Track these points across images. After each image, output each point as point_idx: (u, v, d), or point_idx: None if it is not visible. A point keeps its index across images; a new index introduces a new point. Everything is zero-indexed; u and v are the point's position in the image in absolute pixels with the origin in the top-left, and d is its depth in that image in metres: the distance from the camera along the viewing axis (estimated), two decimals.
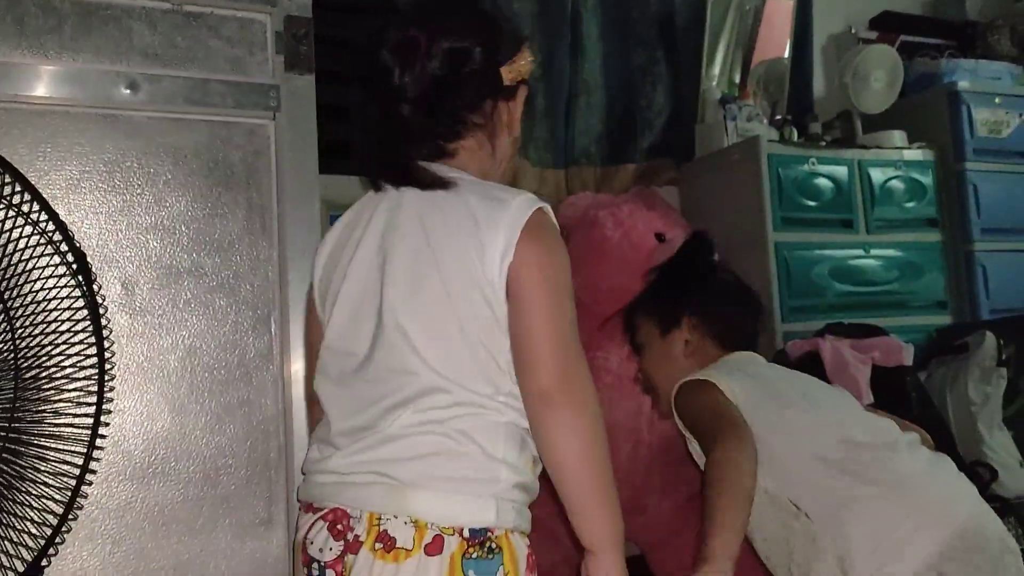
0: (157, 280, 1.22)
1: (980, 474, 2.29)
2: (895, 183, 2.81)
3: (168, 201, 1.23)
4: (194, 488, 1.22)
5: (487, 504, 0.92)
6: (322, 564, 0.92)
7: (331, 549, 0.91)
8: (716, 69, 2.99)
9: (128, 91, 1.19)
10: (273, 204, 1.30)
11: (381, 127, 1.03)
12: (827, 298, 2.64)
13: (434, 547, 0.88)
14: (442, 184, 0.99)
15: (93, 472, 1.09)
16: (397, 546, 0.88)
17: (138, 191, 1.21)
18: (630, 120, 2.89)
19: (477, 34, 1.01)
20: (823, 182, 2.72)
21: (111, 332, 1.15)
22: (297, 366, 1.29)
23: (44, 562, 1.01)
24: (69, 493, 0.99)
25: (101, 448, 1.08)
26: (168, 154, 1.23)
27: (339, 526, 0.92)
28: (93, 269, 1.08)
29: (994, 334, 2.43)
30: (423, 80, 0.98)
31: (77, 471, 1.01)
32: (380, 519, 0.89)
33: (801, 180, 2.69)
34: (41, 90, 1.15)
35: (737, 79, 3.01)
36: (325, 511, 0.94)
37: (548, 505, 1.86)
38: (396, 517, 0.89)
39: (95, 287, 1.05)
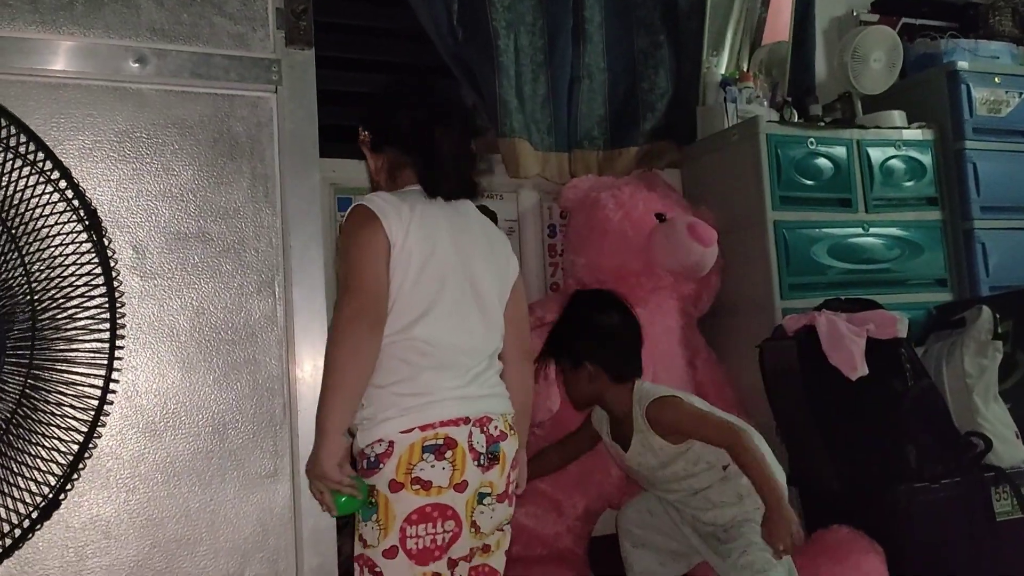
0: (166, 245, 1.29)
1: (974, 444, 2.33)
2: (894, 162, 2.85)
3: (175, 170, 1.30)
4: (203, 441, 1.29)
5: None
6: (484, 454, 1.36)
7: (483, 444, 1.36)
8: (725, 55, 3.03)
9: (137, 65, 1.26)
10: (276, 173, 1.36)
11: (452, 156, 1.45)
12: (826, 276, 2.68)
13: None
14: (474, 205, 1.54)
15: (107, 415, 1.16)
16: (514, 431, 1.42)
17: (147, 160, 1.28)
18: (632, 103, 2.93)
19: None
20: (822, 162, 2.76)
21: (122, 294, 1.21)
22: (300, 328, 1.35)
23: (61, 496, 1.08)
24: (83, 435, 1.06)
25: (115, 392, 1.15)
26: (175, 125, 1.29)
27: (486, 428, 1.37)
28: (105, 226, 1.15)
29: (991, 308, 2.47)
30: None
31: (92, 412, 1.08)
32: (507, 416, 1.42)
33: (800, 160, 2.73)
34: (55, 64, 1.22)
35: (746, 66, 3.05)
36: (475, 420, 1.36)
37: (555, 479, 2.08)
38: (509, 415, 1.43)
39: (106, 240, 1.11)
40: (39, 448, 1.09)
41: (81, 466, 1.12)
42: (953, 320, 2.56)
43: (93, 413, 1.06)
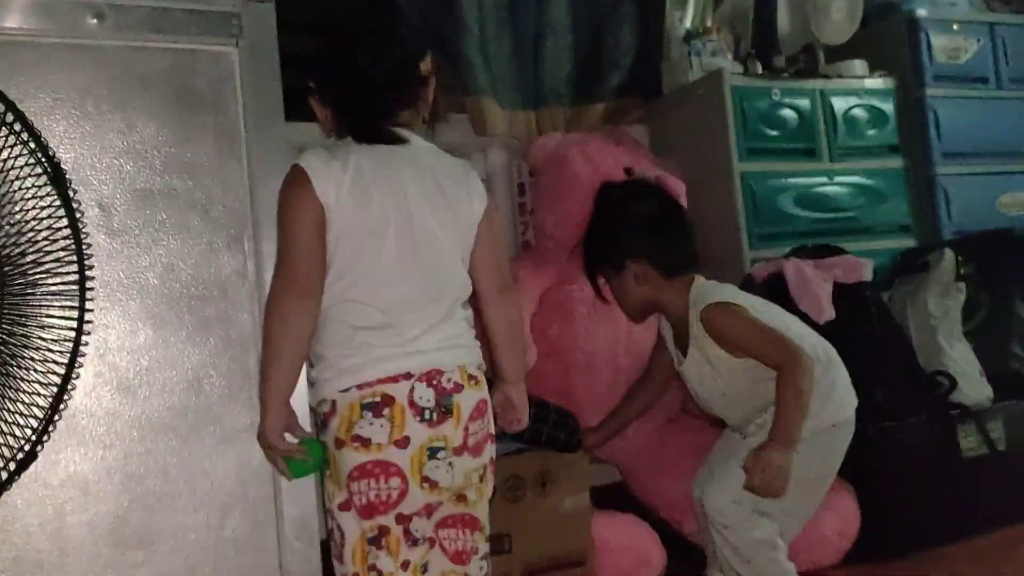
0: (132, 202, 1.28)
1: (940, 383, 2.39)
2: (857, 111, 2.88)
3: (139, 126, 1.29)
4: (178, 397, 1.29)
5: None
6: (430, 409, 1.31)
7: (431, 398, 1.32)
8: (689, 10, 3.04)
9: (95, 20, 1.25)
10: (240, 128, 1.36)
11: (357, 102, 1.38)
12: (793, 225, 2.72)
13: (484, 378, 1.40)
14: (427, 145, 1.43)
15: (80, 366, 1.16)
16: (478, 381, 1.38)
17: (109, 117, 1.27)
18: (597, 60, 2.93)
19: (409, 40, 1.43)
20: (786, 112, 2.78)
21: (90, 248, 1.21)
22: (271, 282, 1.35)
23: (39, 447, 1.08)
24: (57, 387, 1.06)
25: (86, 344, 1.15)
26: (136, 81, 1.28)
27: (434, 381, 1.33)
28: (70, 179, 1.14)
29: (953, 251, 2.52)
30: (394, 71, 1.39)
31: (66, 360, 1.08)
32: (466, 367, 1.37)
33: (765, 111, 2.75)
34: (11, 21, 1.20)
35: (709, 20, 3.06)
36: (419, 374, 1.32)
37: None
38: (471, 365, 1.38)
39: (71, 192, 1.11)
40: (16, 403, 1.09)
41: (57, 417, 1.12)
42: (917, 264, 2.61)
43: (67, 359, 1.06)
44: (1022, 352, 2.54)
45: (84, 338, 1.14)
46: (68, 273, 1.14)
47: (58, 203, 1.12)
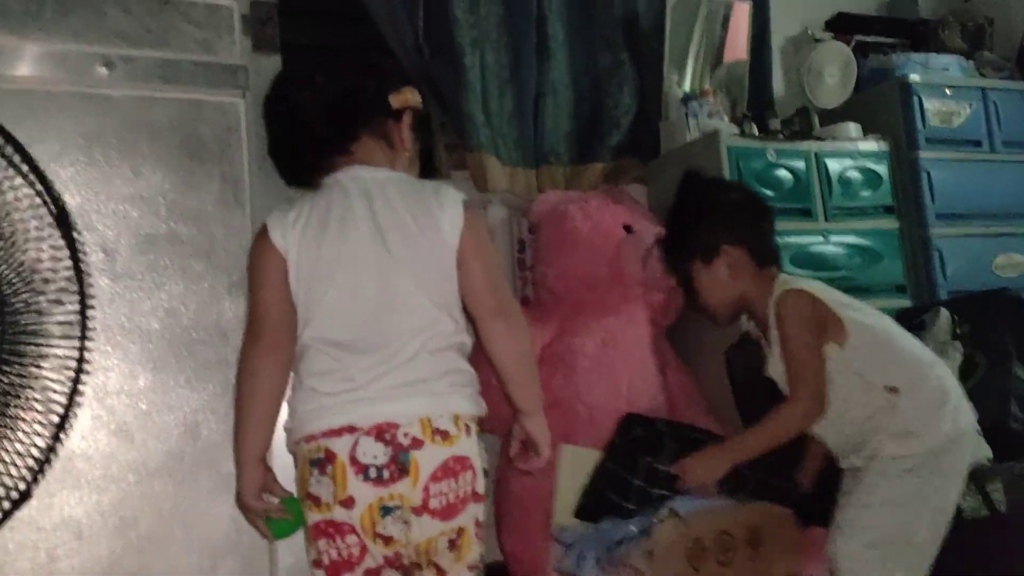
0: (136, 247, 1.31)
1: None
2: (852, 173, 2.92)
3: (145, 173, 1.32)
4: (175, 442, 1.29)
5: (480, 402, 1.33)
6: (378, 467, 1.22)
7: (383, 453, 1.22)
8: (687, 73, 3.11)
9: (105, 70, 1.28)
10: (245, 176, 1.39)
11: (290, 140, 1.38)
12: None
13: (468, 431, 1.28)
14: (373, 171, 1.37)
15: (79, 405, 1.16)
16: (450, 435, 1.25)
17: (116, 164, 1.30)
18: (597, 119, 2.99)
19: (370, 73, 1.42)
20: (782, 173, 2.82)
21: (93, 290, 1.22)
22: None
23: (33, 487, 1.08)
24: (55, 428, 1.06)
25: (85, 384, 1.16)
26: (144, 130, 1.32)
27: (386, 436, 1.22)
28: (74, 221, 1.16)
29: (949, 311, 2.53)
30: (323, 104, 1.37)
31: (64, 402, 1.08)
32: (431, 420, 1.24)
33: (761, 172, 2.79)
34: (23, 69, 1.24)
35: (707, 83, 3.13)
36: (367, 428, 1.23)
37: None
38: (441, 416, 1.25)
39: (75, 234, 1.13)
40: (12, 443, 1.10)
41: (52, 458, 1.12)
42: (913, 323, 2.61)
43: (65, 401, 1.07)
44: (1021, 413, 2.53)
45: (84, 377, 1.15)
46: (69, 314, 1.16)
47: (62, 244, 1.14)
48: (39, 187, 1.06)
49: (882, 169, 2.97)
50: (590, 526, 1.78)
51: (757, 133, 2.88)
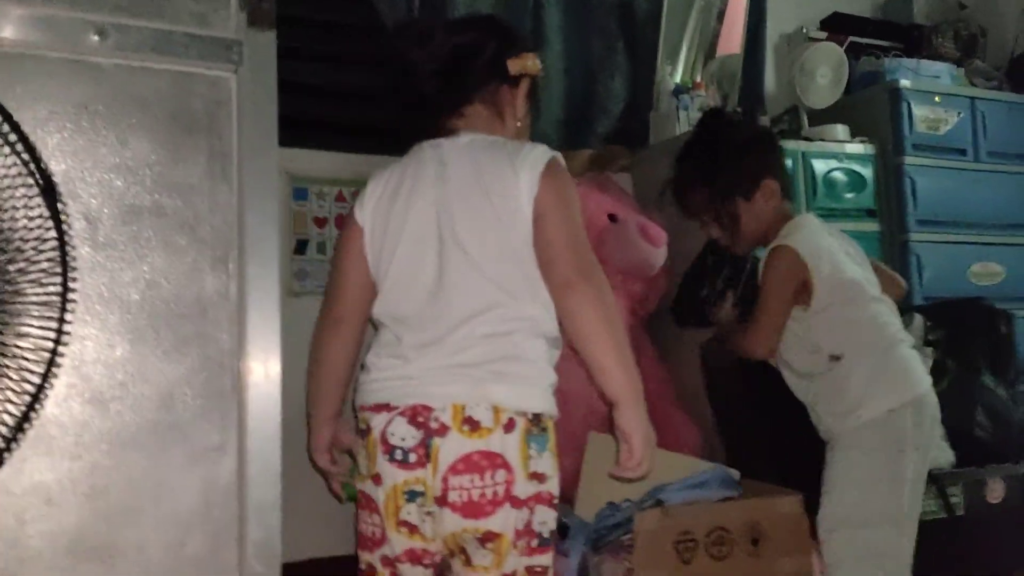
0: (120, 217, 1.30)
1: None
2: (837, 174, 2.95)
3: (132, 143, 1.31)
4: (150, 413, 1.29)
5: (542, 395, 1.23)
6: (405, 449, 1.18)
7: (412, 437, 1.18)
8: (679, 64, 3.11)
9: (96, 38, 1.27)
10: (233, 152, 1.38)
11: (406, 99, 1.36)
12: None
13: (510, 426, 1.17)
14: (472, 136, 1.32)
15: (55, 376, 1.16)
16: (481, 426, 1.16)
17: (103, 133, 1.28)
18: (588, 107, 3.00)
19: (490, 34, 1.35)
20: None
21: (75, 260, 1.22)
22: (252, 305, 1.37)
23: (6, 455, 1.08)
24: (31, 396, 1.07)
25: (65, 345, 1.16)
26: (133, 100, 1.30)
27: (419, 419, 1.18)
28: (60, 191, 1.16)
29: (923, 316, 2.57)
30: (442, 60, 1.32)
31: (41, 371, 1.09)
32: (464, 408, 1.16)
33: None
34: (10, 32, 1.22)
35: (699, 76, 3.13)
36: (403, 408, 1.19)
37: None
38: (479, 405, 1.16)
39: (59, 205, 1.12)
40: None
41: (27, 426, 1.12)
42: None
43: (44, 367, 1.07)
44: (986, 420, 2.58)
45: (61, 349, 1.15)
46: (50, 284, 1.15)
47: (47, 214, 1.13)
48: (25, 156, 1.05)
49: (867, 172, 3.00)
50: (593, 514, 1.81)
51: None
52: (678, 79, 3.04)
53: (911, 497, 1.74)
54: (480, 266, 1.22)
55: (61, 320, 1.14)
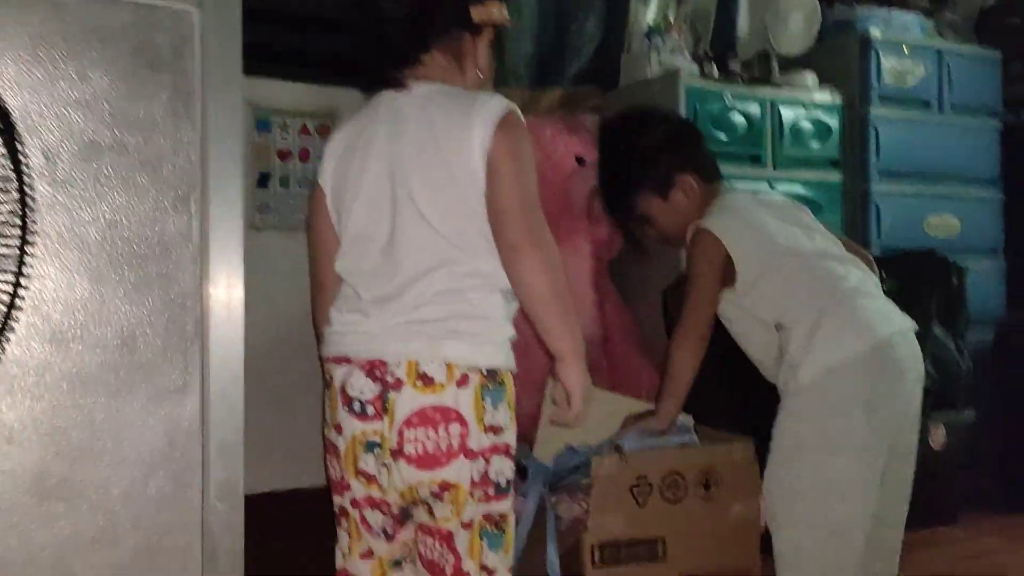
0: (79, 153, 1.26)
1: None
2: (804, 123, 2.96)
3: (92, 77, 1.27)
4: (112, 354, 1.29)
5: (497, 351, 1.24)
6: (363, 401, 1.21)
7: (370, 389, 1.21)
8: (652, 5, 3.07)
9: None
10: (197, 89, 1.34)
11: (366, 42, 1.33)
12: None
13: (463, 382, 1.20)
14: (429, 87, 1.28)
15: (17, 320, 1.15)
16: (434, 382, 1.19)
17: (62, 66, 1.24)
18: (560, 46, 2.96)
19: None
20: (737, 118, 2.85)
21: (33, 200, 1.19)
22: (215, 246, 1.36)
23: None
24: None
25: (23, 297, 1.14)
26: (94, 33, 1.26)
27: (376, 372, 1.21)
28: (18, 126, 1.13)
29: (878, 267, 2.62)
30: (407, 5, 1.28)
31: (3, 311, 1.07)
32: (418, 364, 1.19)
33: (717, 114, 2.81)
34: None
35: (672, 17, 3.10)
36: (362, 362, 1.22)
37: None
38: (432, 362, 1.19)
39: (17, 145, 1.09)
40: None
41: None
42: None
43: (6, 306, 1.06)
44: (933, 371, 2.66)
45: (20, 290, 1.13)
46: (9, 221, 1.13)
47: (3, 151, 1.10)
48: None
49: (833, 122, 3.02)
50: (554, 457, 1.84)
51: (717, 75, 2.88)
52: (652, 20, 3.00)
53: (860, 462, 1.55)
54: (433, 223, 1.22)
55: (21, 259, 1.12)
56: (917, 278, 2.76)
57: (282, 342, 2.47)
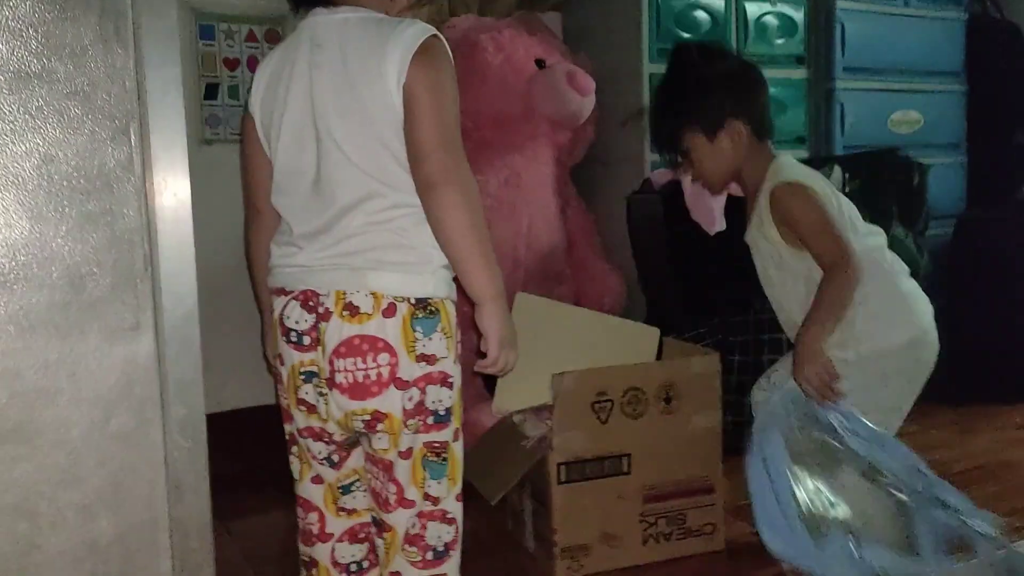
0: (5, 84, 1.19)
1: None
2: (768, 18, 2.89)
3: (12, 1, 1.18)
4: (59, 294, 1.24)
5: (427, 280, 1.22)
6: (299, 332, 1.23)
7: (305, 320, 1.22)
8: None
9: None
10: (128, 10, 1.26)
11: None
12: None
13: (389, 311, 1.19)
14: (349, 13, 1.23)
15: None
16: (360, 312, 1.19)
17: None
18: None
19: None
20: (701, 15, 2.77)
21: None
22: (159, 177, 1.30)
23: None
24: None
25: None
26: None
27: (310, 303, 1.22)
28: None
29: (841, 167, 2.61)
30: None
31: None
32: (345, 294, 1.19)
33: (680, 12, 2.73)
34: None
35: None
36: (296, 293, 1.23)
37: None
38: (358, 292, 1.19)
39: None
40: None
41: None
42: None
43: None
44: None
45: None
46: None
47: None
48: None
49: (798, 16, 2.95)
50: None
51: None
52: None
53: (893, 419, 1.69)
54: (352, 158, 1.20)
55: None
56: (878, 177, 2.76)
57: (236, 256, 2.42)
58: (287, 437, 1.36)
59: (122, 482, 1.32)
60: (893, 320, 1.69)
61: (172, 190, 1.31)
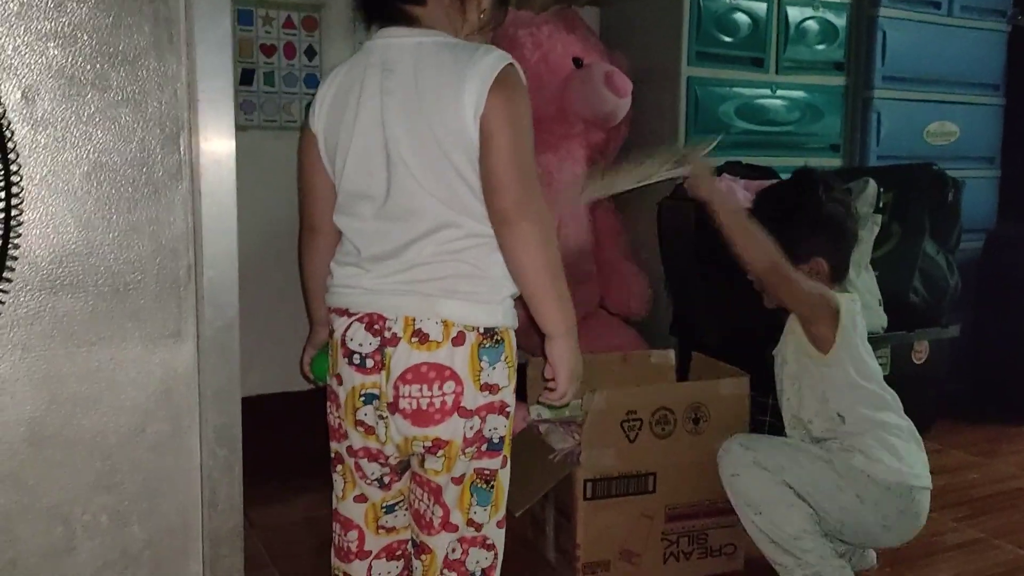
0: (59, 91, 1.18)
1: None
2: (810, 24, 2.85)
3: (69, 7, 1.17)
4: (103, 301, 1.24)
5: (495, 309, 1.22)
6: (362, 355, 1.22)
7: (369, 343, 1.21)
8: None
9: None
10: (181, 18, 1.24)
11: None
12: (731, 135, 2.73)
13: (459, 340, 1.19)
14: (423, 37, 1.21)
15: (12, 270, 1.11)
16: (430, 339, 1.18)
17: None
18: None
19: None
20: (741, 18, 2.73)
21: (14, 143, 1.12)
22: (207, 188, 1.29)
23: None
24: None
25: (15, 257, 1.09)
26: None
27: (375, 326, 1.21)
28: None
29: (875, 182, 2.58)
30: None
31: None
32: (415, 321, 1.18)
33: (721, 14, 2.69)
34: None
35: None
36: (361, 315, 1.22)
37: None
38: (428, 319, 1.18)
39: None
40: None
41: None
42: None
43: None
44: (921, 286, 2.67)
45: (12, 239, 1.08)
46: None
47: None
48: None
49: (840, 23, 2.91)
50: None
51: None
52: None
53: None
54: (425, 186, 1.18)
55: (8, 208, 1.06)
56: (912, 192, 2.74)
57: (271, 244, 2.42)
58: (332, 455, 1.35)
59: (156, 489, 1.32)
60: (880, 459, 1.73)
61: (218, 201, 1.30)
